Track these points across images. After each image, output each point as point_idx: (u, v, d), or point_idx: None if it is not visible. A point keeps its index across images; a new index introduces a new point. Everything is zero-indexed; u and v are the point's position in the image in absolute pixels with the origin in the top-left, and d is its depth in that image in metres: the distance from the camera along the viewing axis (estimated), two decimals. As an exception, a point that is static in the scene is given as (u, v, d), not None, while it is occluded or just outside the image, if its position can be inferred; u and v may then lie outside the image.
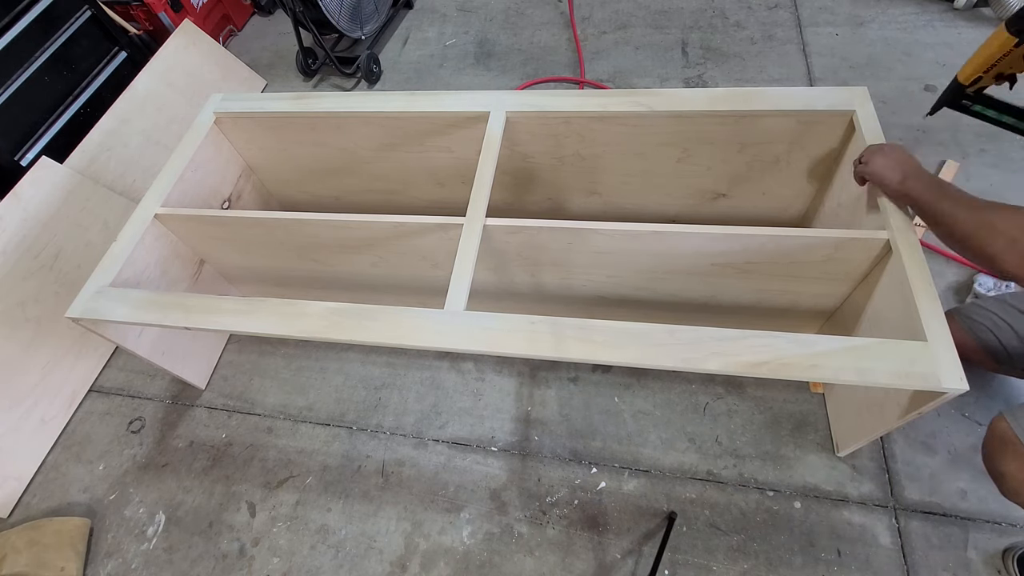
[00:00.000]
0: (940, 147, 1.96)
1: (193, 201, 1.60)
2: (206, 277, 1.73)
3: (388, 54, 2.77)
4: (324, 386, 1.79)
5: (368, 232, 1.41)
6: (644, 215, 1.76)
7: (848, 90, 1.37)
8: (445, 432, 1.65)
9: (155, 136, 2.21)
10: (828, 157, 1.46)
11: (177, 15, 2.61)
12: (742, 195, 1.63)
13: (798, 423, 1.53)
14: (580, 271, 1.44)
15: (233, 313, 1.24)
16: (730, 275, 1.35)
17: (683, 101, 1.41)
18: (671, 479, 1.49)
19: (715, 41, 2.48)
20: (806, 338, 1.03)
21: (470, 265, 1.20)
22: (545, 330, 1.10)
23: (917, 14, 2.40)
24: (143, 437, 1.77)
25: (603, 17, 2.69)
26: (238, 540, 1.55)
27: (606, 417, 1.61)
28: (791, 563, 1.35)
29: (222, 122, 1.67)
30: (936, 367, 0.98)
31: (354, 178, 1.82)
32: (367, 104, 1.57)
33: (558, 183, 1.69)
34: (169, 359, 1.66)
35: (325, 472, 1.63)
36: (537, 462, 1.57)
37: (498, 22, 2.80)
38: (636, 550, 1.41)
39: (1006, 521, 1.34)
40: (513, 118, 1.48)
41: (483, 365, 1.75)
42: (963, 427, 1.46)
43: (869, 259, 1.22)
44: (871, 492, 1.41)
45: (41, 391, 1.76)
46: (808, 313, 1.48)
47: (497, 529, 1.48)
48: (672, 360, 1.04)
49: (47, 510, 1.65)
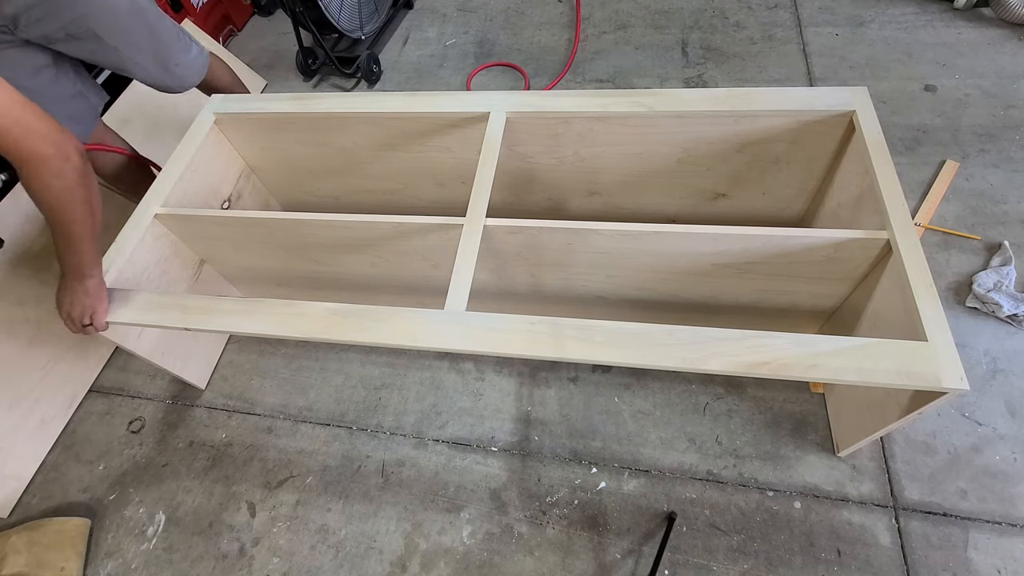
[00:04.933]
0: (940, 147, 1.96)
1: (193, 201, 1.60)
2: (206, 277, 1.73)
3: (388, 54, 2.77)
4: (324, 386, 1.79)
5: (368, 232, 1.41)
6: (644, 215, 1.76)
7: (848, 90, 1.37)
8: (445, 432, 1.65)
9: (155, 136, 2.21)
10: (828, 157, 1.46)
11: (177, 15, 2.61)
12: (742, 195, 1.63)
13: (798, 423, 1.53)
14: (580, 271, 1.44)
15: (233, 313, 1.24)
16: (730, 275, 1.35)
17: (683, 101, 1.41)
18: (671, 479, 1.50)
19: (715, 41, 2.48)
20: (806, 338, 1.03)
21: (470, 265, 1.20)
22: (545, 330, 1.10)
23: (917, 14, 2.40)
24: (143, 437, 1.77)
25: (603, 17, 2.69)
26: (238, 540, 1.55)
27: (606, 417, 1.61)
28: (791, 563, 1.35)
29: (222, 122, 1.67)
30: (936, 367, 0.98)
31: (354, 178, 1.82)
32: (367, 104, 1.57)
33: (558, 183, 1.69)
34: (169, 359, 1.66)
35: (325, 472, 1.63)
36: (537, 462, 1.57)
37: (498, 22, 2.80)
38: (636, 550, 1.41)
39: (1006, 521, 1.34)
40: (513, 118, 1.48)
41: (483, 365, 1.75)
42: (963, 427, 1.46)
43: (869, 259, 1.22)
44: (871, 492, 1.41)
45: (41, 391, 1.76)
46: (808, 313, 1.48)
47: (497, 529, 1.48)
48: (672, 360, 1.04)
49: (47, 510, 1.65)
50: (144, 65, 1.56)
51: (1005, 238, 1.72)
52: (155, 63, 1.58)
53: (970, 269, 1.69)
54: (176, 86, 1.68)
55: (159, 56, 1.57)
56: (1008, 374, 1.52)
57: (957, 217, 1.80)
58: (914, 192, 1.87)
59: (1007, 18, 2.24)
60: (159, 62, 1.58)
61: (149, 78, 1.61)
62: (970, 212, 1.81)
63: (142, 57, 1.54)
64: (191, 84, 1.72)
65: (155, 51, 1.56)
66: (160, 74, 1.61)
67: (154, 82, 1.63)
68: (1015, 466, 1.40)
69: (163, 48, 1.58)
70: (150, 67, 1.57)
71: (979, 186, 1.86)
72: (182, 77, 1.67)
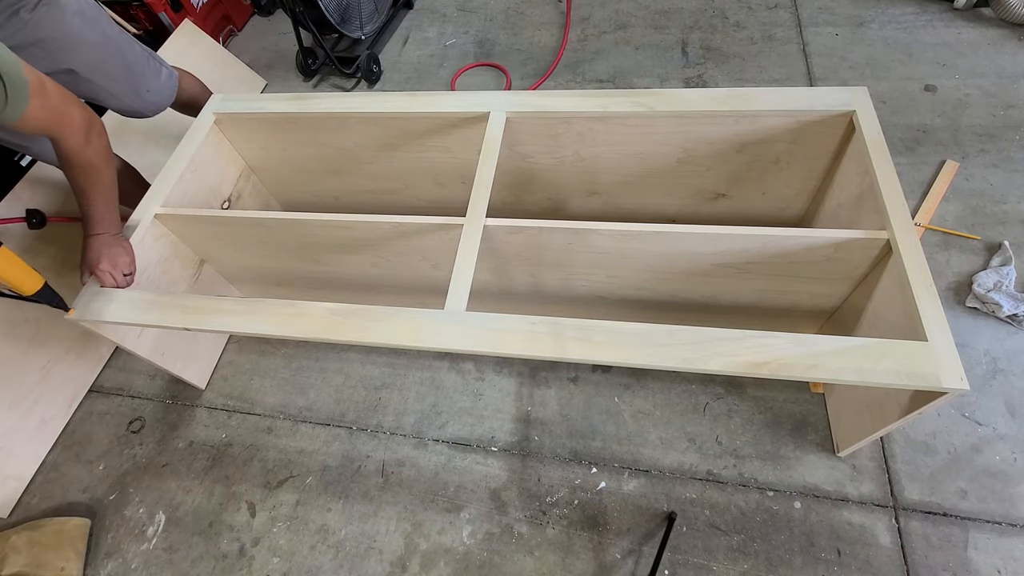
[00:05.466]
0: (940, 147, 1.96)
1: (193, 201, 1.60)
2: (206, 277, 1.73)
3: (388, 54, 2.77)
4: (324, 386, 1.79)
5: (368, 232, 1.41)
6: (644, 215, 1.76)
7: (848, 90, 1.37)
8: (445, 432, 1.65)
9: (155, 136, 2.21)
10: (828, 157, 1.46)
11: (177, 15, 2.61)
12: (742, 195, 1.63)
13: (798, 423, 1.53)
14: (580, 271, 1.44)
15: (233, 313, 1.24)
16: (730, 275, 1.35)
17: (683, 101, 1.41)
18: (671, 479, 1.50)
19: (715, 41, 2.48)
20: (806, 338, 1.03)
21: (470, 265, 1.20)
22: (545, 330, 1.10)
23: (917, 14, 2.40)
24: (143, 437, 1.77)
25: (603, 17, 2.69)
26: (238, 540, 1.55)
27: (606, 417, 1.61)
28: (791, 563, 1.35)
29: (222, 122, 1.67)
30: (936, 367, 0.98)
31: (354, 178, 1.82)
32: (367, 104, 1.57)
33: (558, 183, 1.69)
34: (169, 359, 1.66)
35: (325, 472, 1.63)
36: (537, 462, 1.57)
37: (498, 22, 2.80)
38: (636, 550, 1.41)
39: (1006, 521, 1.34)
40: (513, 118, 1.48)
41: (483, 365, 1.75)
42: (963, 427, 1.46)
43: (869, 259, 1.22)
44: (871, 492, 1.41)
45: (41, 391, 1.76)
46: (808, 313, 1.48)
47: (497, 529, 1.48)
48: (672, 360, 1.04)
49: (47, 510, 1.65)
50: (117, 94, 1.59)
51: (1005, 238, 1.72)
52: (128, 91, 1.61)
53: (970, 269, 1.69)
54: (148, 111, 1.72)
55: (132, 83, 1.61)
56: (1008, 374, 1.52)
57: (957, 217, 1.80)
58: (914, 192, 1.87)
59: (1007, 18, 2.24)
60: (132, 89, 1.62)
61: (122, 107, 1.64)
62: (970, 212, 1.81)
63: (116, 86, 1.57)
64: (163, 108, 1.75)
65: (128, 79, 1.59)
66: (133, 101, 1.64)
67: (127, 110, 1.67)
68: (1015, 466, 1.40)
69: (135, 76, 1.61)
70: (123, 96, 1.61)
71: (979, 186, 1.86)
72: (154, 103, 1.70)
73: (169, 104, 1.76)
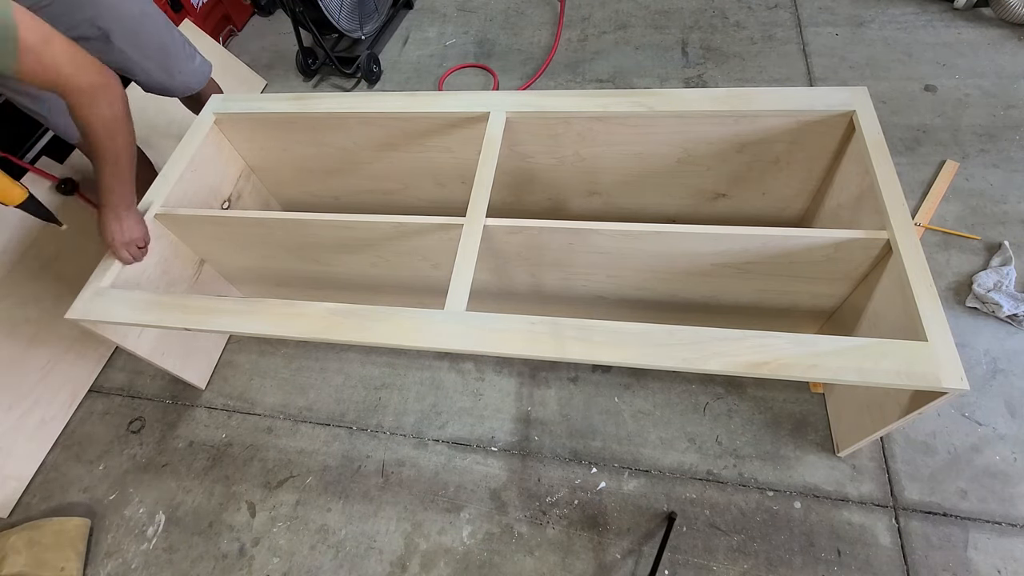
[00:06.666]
0: (940, 147, 1.96)
1: (193, 201, 1.60)
2: (206, 277, 1.73)
3: (388, 54, 2.77)
4: (324, 386, 1.79)
5: (368, 232, 1.41)
6: (644, 215, 1.76)
7: (848, 90, 1.37)
8: (445, 432, 1.65)
9: (155, 137, 2.21)
10: (828, 157, 1.46)
11: (177, 15, 2.61)
12: (742, 195, 1.63)
13: (798, 423, 1.53)
14: (580, 271, 1.44)
15: (233, 313, 1.24)
16: (730, 275, 1.35)
17: (683, 101, 1.41)
18: (671, 479, 1.50)
19: (715, 41, 2.48)
20: (806, 338, 1.03)
21: (470, 265, 1.20)
22: (545, 330, 1.10)
23: (917, 14, 2.40)
24: (143, 437, 1.77)
25: (603, 17, 2.69)
26: (238, 540, 1.55)
27: (606, 417, 1.61)
28: (791, 563, 1.35)
29: (222, 122, 1.67)
30: (936, 367, 0.98)
31: (354, 178, 1.82)
32: (367, 104, 1.57)
33: (558, 183, 1.69)
34: (169, 359, 1.66)
35: (325, 472, 1.63)
36: (537, 462, 1.57)
37: (498, 22, 2.80)
38: (636, 550, 1.41)
39: (1006, 521, 1.34)
40: (513, 118, 1.48)
41: (483, 365, 1.75)
42: (963, 427, 1.46)
43: (869, 259, 1.22)
44: (871, 492, 1.41)
45: (41, 391, 1.76)
46: (808, 313, 1.48)
47: (497, 529, 1.48)
48: (672, 360, 1.04)
49: (47, 510, 1.65)
50: (148, 70, 1.61)
51: (1005, 238, 1.72)
52: (159, 68, 1.63)
53: (970, 269, 1.69)
54: (178, 91, 1.74)
55: (164, 63, 1.63)
56: (1008, 374, 1.52)
57: (957, 217, 1.81)
58: (914, 192, 1.87)
59: (1007, 18, 2.24)
60: (163, 68, 1.64)
61: (151, 82, 1.66)
62: (970, 212, 1.81)
63: (148, 63, 1.59)
64: (192, 90, 1.77)
65: (161, 58, 1.62)
66: (164, 79, 1.66)
67: (157, 86, 1.68)
68: (1015, 466, 1.40)
69: (168, 56, 1.64)
70: (154, 72, 1.63)
71: (979, 186, 1.86)
72: (184, 83, 1.73)
73: (200, 87, 1.78)
